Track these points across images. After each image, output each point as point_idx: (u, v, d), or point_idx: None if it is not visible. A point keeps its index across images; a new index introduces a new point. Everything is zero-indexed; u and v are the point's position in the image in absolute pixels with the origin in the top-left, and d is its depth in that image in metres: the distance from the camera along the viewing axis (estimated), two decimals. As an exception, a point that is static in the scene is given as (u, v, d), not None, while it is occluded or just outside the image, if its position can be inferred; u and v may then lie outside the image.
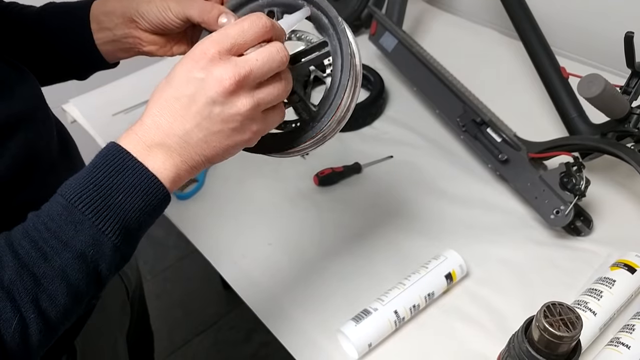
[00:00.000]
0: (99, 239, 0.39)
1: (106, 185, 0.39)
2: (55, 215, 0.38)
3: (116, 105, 1.05)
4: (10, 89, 0.49)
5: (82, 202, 0.38)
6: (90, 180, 0.39)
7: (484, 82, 0.95)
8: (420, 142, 0.94)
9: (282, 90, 0.43)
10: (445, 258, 0.70)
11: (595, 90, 0.61)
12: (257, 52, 0.41)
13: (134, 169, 0.40)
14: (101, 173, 0.39)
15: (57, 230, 0.38)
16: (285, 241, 0.79)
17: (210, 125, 0.41)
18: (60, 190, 0.40)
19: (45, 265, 0.37)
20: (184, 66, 0.41)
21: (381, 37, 1.03)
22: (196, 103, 0.40)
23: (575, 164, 0.70)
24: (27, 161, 0.49)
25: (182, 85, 0.40)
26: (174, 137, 0.40)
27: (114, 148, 0.40)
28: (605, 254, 0.72)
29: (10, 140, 0.47)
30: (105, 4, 0.55)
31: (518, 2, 0.91)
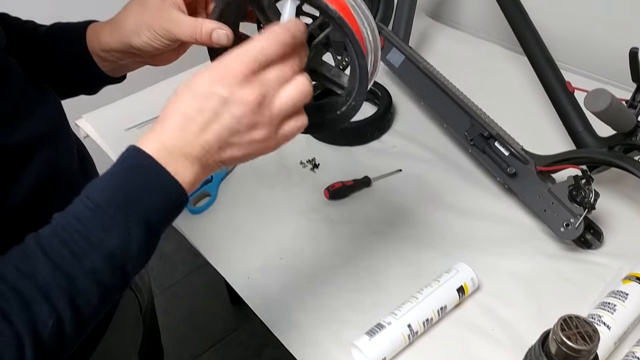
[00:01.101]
0: (127, 241, 0.40)
1: (132, 189, 0.41)
2: (83, 218, 0.40)
3: (129, 120, 1.06)
4: (35, 108, 0.50)
5: (110, 206, 0.40)
6: (117, 184, 0.41)
7: (489, 96, 0.96)
8: (429, 155, 0.95)
9: (302, 96, 0.44)
10: (457, 271, 0.71)
11: (601, 104, 0.62)
12: (285, 88, 0.43)
13: (159, 175, 0.41)
14: (127, 177, 0.41)
15: (87, 232, 0.39)
16: (297, 255, 0.79)
17: (231, 138, 0.43)
18: (87, 192, 0.41)
19: (78, 266, 0.39)
20: (207, 79, 0.42)
21: (388, 52, 1.04)
22: (219, 119, 0.42)
23: (584, 177, 0.71)
24: (50, 178, 0.51)
25: (206, 98, 0.42)
26: (196, 147, 0.42)
27: (137, 152, 0.42)
28: (617, 267, 0.72)
29: (35, 158, 0.49)
30: (100, 41, 0.56)
31: (522, 18, 0.93)
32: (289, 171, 0.94)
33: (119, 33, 0.54)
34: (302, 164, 0.95)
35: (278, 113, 0.43)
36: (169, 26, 0.51)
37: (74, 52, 0.58)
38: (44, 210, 0.48)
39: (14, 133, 0.47)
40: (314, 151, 0.97)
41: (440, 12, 1.38)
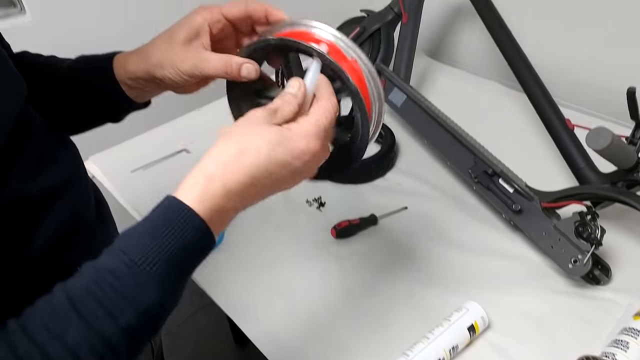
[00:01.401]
0: (163, 298, 0.40)
1: (170, 245, 0.40)
2: (119, 274, 0.39)
3: (135, 162, 1.08)
4: (54, 157, 0.51)
5: (147, 264, 0.39)
6: (155, 239, 0.40)
7: (490, 133, 0.98)
8: (433, 193, 0.96)
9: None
10: (467, 310, 0.71)
11: (603, 142, 0.63)
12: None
13: (199, 230, 0.41)
14: (166, 231, 0.40)
15: (123, 289, 0.38)
16: (306, 295, 0.79)
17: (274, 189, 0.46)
18: (122, 245, 0.40)
19: (112, 324, 0.38)
20: (280, 155, 0.44)
21: (390, 92, 1.07)
22: (281, 180, 0.46)
23: (589, 213, 0.72)
24: (70, 226, 0.51)
25: (279, 169, 0.45)
26: (245, 203, 0.45)
27: (178, 206, 0.41)
28: (626, 302, 0.72)
29: (55, 207, 0.49)
30: (127, 70, 0.58)
31: (519, 57, 0.96)
32: (295, 210, 0.94)
33: (144, 64, 0.56)
34: (308, 202, 0.96)
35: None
36: (197, 64, 0.53)
37: (101, 82, 0.59)
38: (64, 259, 0.49)
39: (35, 183, 0.47)
40: (320, 190, 0.98)
41: (438, 51, 1.42)
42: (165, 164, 1.10)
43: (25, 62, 0.59)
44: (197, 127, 1.20)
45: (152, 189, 1.02)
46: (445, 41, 1.40)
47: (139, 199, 0.99)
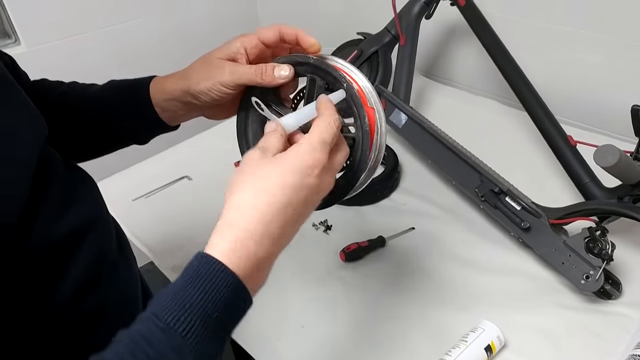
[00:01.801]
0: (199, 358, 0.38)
1: (204, 303, 0.38)
2: (154, 340, 0.37)
3: (136, 190, 1.07)
4: (78, 195, 0.51)
5: (181, 324, 0.37)
6: (187, 298, 0.38)
7: (492, 152, 0.99)
8: (439, 212, 0.96)
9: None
10: (483, 330, 0.71)
11: (611, 160, 0.65)
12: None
13: (233, 285, 0.40)
14: (198, 290, 0.38)
15: (159, 356, 0.36)
16: (319, 321, 0.79)
17: (305, 215, 0.46)
18: (154, 309, 0.38)
19: None
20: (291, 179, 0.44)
21: (391, 114, 1.08)
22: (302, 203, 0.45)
23: (598, 229, 0.73)
24: (97, 264, 0.50)
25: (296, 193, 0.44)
26: (278, 242, 0.43)
27: (209, 262, 0.40)
28: (638, 316, 0.73)
29: (83, 245, 0.48)
30: (164, 91, 0.59)
31: (518, 75, 0.98)
32: (302, 234, 0.93)
33: (183, 82, 0.57)
34: (314, 226, 0.96)
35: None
36: (233, 70, 0.54)
37: (136, 105, 0.60)
38: (92, 299, 0.48)
39: (61, 225, 0.46)
40: (326, 213, 0.98)
41: (434, 70, 1.44)
42: (167, 192, 1.09)
43: (45, 93, 0.60)
44: (198, 153, 1.20)
45: (154, 218, 1.02)
46: (440, 60, 1.42)
47: (142, 228, 0.98)
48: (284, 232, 0.44)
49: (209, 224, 1.01)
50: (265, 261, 0.43)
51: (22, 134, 0.44)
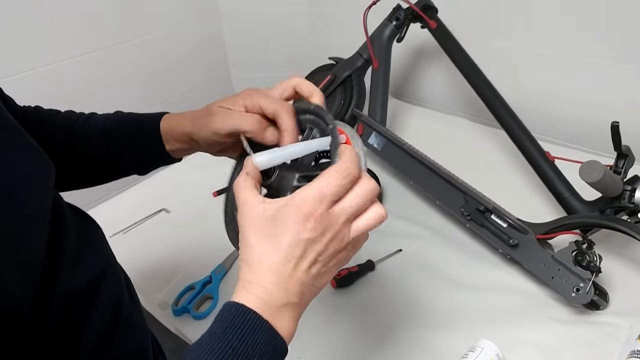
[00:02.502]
0: None
1: (241, 349, 0.39)
2: None
3: (113, 226, 1.03)
4: (91, 241, 0.50)
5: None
6: (225, 346, 0.39)
7: (471, 170, 1.01)
8: (425, 232, 0.97)
9: (376, 221, 0.46)
10: (482, 349, 0.71)
11: (596, 175, 0.67)
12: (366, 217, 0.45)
13: (266, 332, 0.40)
14: (234, 337, 0.39)
15: None
16: (314, 351, 0.77)
17: (323, 272, 0.44)
18: (193, 355, 0.39)
19: None
20: (290, 227, 0.42)
21: (369, 137, 1.09)
22: (307, 259, 0.42)
23: (585, 242, 0.75)
24: (114, 315, 0.49)
25: (292, 247, 0.42)
26: (296, 294, 0.42)
27: (242, 310, 0.41)
28: (627, 325, 0.75)
29: (100, 295, 0.47)
30: (173, 131, 0.59)
31: (493, 93, 1.00)
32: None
33: (189, 127, 0.58)
34: (301, 253, 0.94)
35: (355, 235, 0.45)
36: (224, 121, 0.54)
37: (147, 139, 0.61)
38: (112, 352, 0.48)
39: (79, 273, 0.45)
40: (311, 239, 0.97)
41: (404, 91, 1.47)
42: (145, 226, 1.06)
43: (42, 122, 0.60)
44: (173, 184, 1.17)
45: (134, 254, 0.98)
46: (409, 81, 1.45)
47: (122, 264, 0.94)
48: (301, 279, 0.43)
49: (192, 257, 0.99)
50: (290, 312, 0.43)
51: (32, 174, 0.43)
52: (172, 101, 1.61)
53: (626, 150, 0.76)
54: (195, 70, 1.65)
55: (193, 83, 1.66)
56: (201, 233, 1.02)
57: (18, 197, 0.39)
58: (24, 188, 0.41)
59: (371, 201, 0.44)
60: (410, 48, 1.38)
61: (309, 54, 1.61)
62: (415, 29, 1.15)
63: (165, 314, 0.85)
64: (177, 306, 0.85)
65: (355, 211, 0.43)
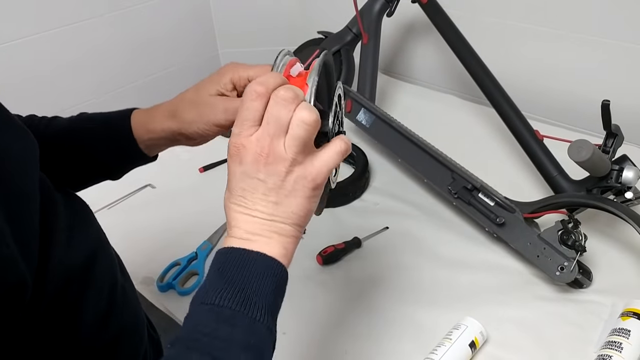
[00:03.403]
0: (254, 327, 0.40)
1: (239, 280, 0.41)
2: (206, 320, 0.39)
3: (98, 201, 1.01)
4: (83, 219, 0.50)
5: (226, 300, 0.40)
6: (223, 280, 0.41)
7: (458, 148, 1.00)
8: (412, 210, 0.97)
9: (308, 126, 0.43)
10: (466, 327, 0.71)
11: (585, 154, 0.67)
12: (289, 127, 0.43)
13: (256, 259, 0.43)
14: (230, 271, 0.42)
15: (215, 332, 0.38)
16: (300, 328, 0.77)
17: (286, 195, 0.44)
18: (197, 299, 0.41)
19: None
20: (231, 169, 0.44)
21: (357, 113, 1.07)
22: (258, 191, 0.44)
23: (571, 221, 0.75)
24: (111, 290, 0.51)
25: (240, 186, 0.44)
26: (265, 223, 0.44)
27: (229, 251, 0.43)
28: (610, 303, 0.76)
29: (96, 271, 0.48)
30: (149, 129, 0.56)
31: (483, 70, 0.99)
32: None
33: (173, 123, 0.55)
34: (288, 230, 0.94)
35: (295, 150, 0.43)
36: (227, 112, 0.52)
37: (118, 143, 0.57)
38: (112, 325, 0.50)
39: (73, 253, 0.46)
40: (298, 216, 0.96)
41: (393, 67, 1.45)
42: (130, 202, 1.04)
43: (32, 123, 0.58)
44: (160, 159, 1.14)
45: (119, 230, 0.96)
46: (399, 58, 1.43)
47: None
48: (261, 212, 0.44)
49: (177, 233, 0.98)
50: (264, 237, 0.44)
51: (21, 147, 0.43)
52: (156, 76, 1.58)
53: (615, 129, 0.76)
54: (181, 45, 1.61)
55: (179, 58, 1.62)
56: (187, 209, 1.01)
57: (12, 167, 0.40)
58: (17, 160, 0.41)
59: (291, 110, 0.42)
60: (401, 23, 1.36)
61: (298, 27, 1.58)
62: (405, 3, 1.13)
63: (150, 289, 0.84)
64: (162, 282, 0.84)
65: (277, 125, 0.42)
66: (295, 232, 0.45)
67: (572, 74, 1.14)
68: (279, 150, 0.42)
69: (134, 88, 1.52)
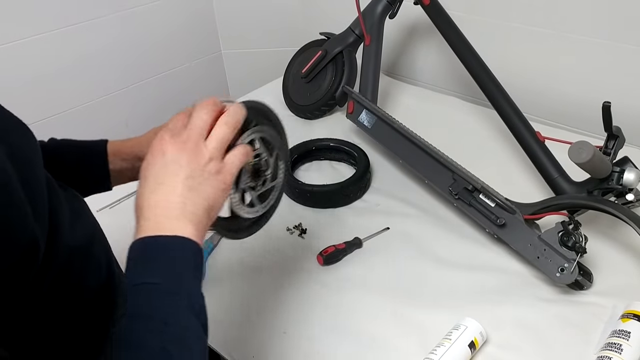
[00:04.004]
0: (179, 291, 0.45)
1: (160, 266, 0.45)
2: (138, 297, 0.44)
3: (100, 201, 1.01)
4: (79, 208, 0.54)
5: (156, 277, 0.45)
6: (149, 264, 0.45)
7: (460, 149, 1.00)
8: (413, 211, 0.97)
9: (229, 133, 0.52)
10: (466, 327, 0.71)
11: (585, 156, 0.67)
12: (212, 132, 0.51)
13: (169, 241, 0.46)
14: (152, 255, 0.46)
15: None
16: (300, 327, 0.77)
17: (199, 185, 0.49)
18: (130, 283, 0.45)
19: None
20: (161, 158, 0.49)
21: (359, 114, 1.08)
22: (170, 179, 0.48)
23: (571, 222, 0.75)
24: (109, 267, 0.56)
25: (169, 169, 0.49)
26: (172, 208, 0.47)
27: (145, 241, 0.46)
28: (610, 305, 0.76)
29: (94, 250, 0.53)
30: (120, 150, 0.63)
31: (485, 72, 1.00)
32: (277, 239, 0.92)
33: (137, 149, 0.63)
34: (289, 230, 0.94)
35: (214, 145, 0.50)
36: None
37: (87, 170, 0.65)
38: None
39: (76, 235, 0.50)
40: (299, 216, 0.97)
41: (396, 69, 1.45)
42: (131, 201, 1.04)
43: None
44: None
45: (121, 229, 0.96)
46: (402, 59, 1.43)
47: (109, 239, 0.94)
48: (173, 197, 0.49)
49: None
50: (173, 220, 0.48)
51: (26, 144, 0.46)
52: (160, 77, 1.58)
53: (617, 131, 0.76)
54: (184, 45, 1.62)
55: (182, 58, 1.63)
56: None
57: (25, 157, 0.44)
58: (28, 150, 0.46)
59: (212, 114, 0.51)
60: (403, 25, 1.36)
61: (300, 28, 1.58)
62: (408, 5, 1.14)
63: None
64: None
65: (199, 130, 0.50)
66: (207, 215, 0.49)
67: (573, 76, 1.14)
68: (201, 144, 0.50)
69: (138, 88, 1.52)
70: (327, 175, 1.08)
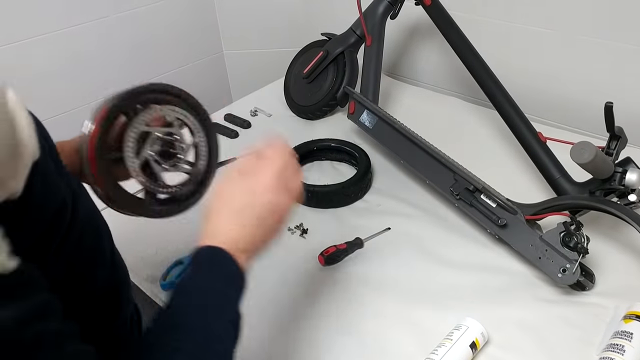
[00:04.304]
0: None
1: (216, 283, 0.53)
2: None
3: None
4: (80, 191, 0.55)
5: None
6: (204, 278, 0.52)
7: (461, 149, 1.00)
8: (414, 211, 0.97)
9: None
10: (467, 327, 0.71)
11: (587, 156, 0.66)
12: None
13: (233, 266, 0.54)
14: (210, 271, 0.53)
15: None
16: (303, 328, 0.77)
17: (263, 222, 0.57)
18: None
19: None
20: (245, 192, 0.57)
21: (360, 115, 1.08)
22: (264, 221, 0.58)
23: (573, 223, 0.75)
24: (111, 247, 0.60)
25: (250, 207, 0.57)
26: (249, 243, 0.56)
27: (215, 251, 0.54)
28: (612, 306, 0.76)
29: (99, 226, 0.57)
30: (63, 149, 0.61)
31: (487, 73, 0.99)
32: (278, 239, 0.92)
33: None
34: (290, 230, 0.94)
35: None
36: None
37: None
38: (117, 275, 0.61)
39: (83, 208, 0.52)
40: (300, 216, 0.97)
41: (397, 69, 1.45)
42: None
43: None
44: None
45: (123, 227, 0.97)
46: (403, 60, 1.43)
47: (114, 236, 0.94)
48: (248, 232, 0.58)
49: (180, 230, 0.99)
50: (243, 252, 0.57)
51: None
52: (161, 77, 1.58)
53: (619, 131, 0.76)
54: (185, 46, 1.62)
55: (184, 59, 1.63)
56: (189, 208, 1.01)
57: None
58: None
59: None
60: (404, 25, 1.36)
61: (301, 29, 1.58)
62: (409, 5, 1.13)
63: (153, 287, 0.85)
64: (165, 280, 0.84)
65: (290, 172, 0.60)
66: (263, 249, 0.58)
67: (575, 76, 1.13)
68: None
69: (139, 89, 1.53)
70: (328, 175, 1.08)
